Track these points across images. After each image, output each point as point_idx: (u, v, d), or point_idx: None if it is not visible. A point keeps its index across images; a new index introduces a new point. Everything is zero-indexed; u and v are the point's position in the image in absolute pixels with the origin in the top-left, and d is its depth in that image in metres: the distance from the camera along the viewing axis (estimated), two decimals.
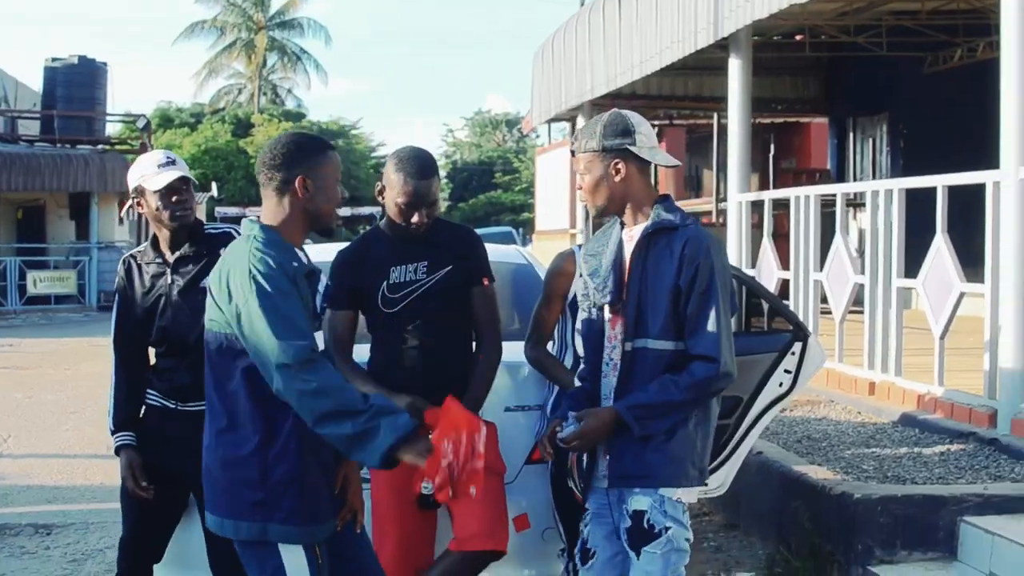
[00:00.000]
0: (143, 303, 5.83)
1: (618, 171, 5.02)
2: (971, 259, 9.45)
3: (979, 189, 9.18)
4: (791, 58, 21.85)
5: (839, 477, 7.91)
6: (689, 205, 25.16)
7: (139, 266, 5.92)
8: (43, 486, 11.03)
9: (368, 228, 6.16)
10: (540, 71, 23.32)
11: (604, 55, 18.41)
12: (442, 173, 34.76)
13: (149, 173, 5.76)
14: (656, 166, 5.32)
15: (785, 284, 12.57)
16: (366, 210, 58.24)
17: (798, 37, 20.28)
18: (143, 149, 39.59)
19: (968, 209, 9.79)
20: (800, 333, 7.27)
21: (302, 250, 4.78)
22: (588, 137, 5.05)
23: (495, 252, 7.03)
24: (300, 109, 79.91)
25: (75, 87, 39.58)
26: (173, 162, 5.84)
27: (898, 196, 10.32)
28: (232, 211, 49.02)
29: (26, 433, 13.65)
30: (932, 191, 9.76)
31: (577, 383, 5.33)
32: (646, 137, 5.06)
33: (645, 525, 4.91)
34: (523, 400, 6.15)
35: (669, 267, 4.91)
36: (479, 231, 6.59)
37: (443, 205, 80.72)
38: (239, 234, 5.34)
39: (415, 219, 5.66)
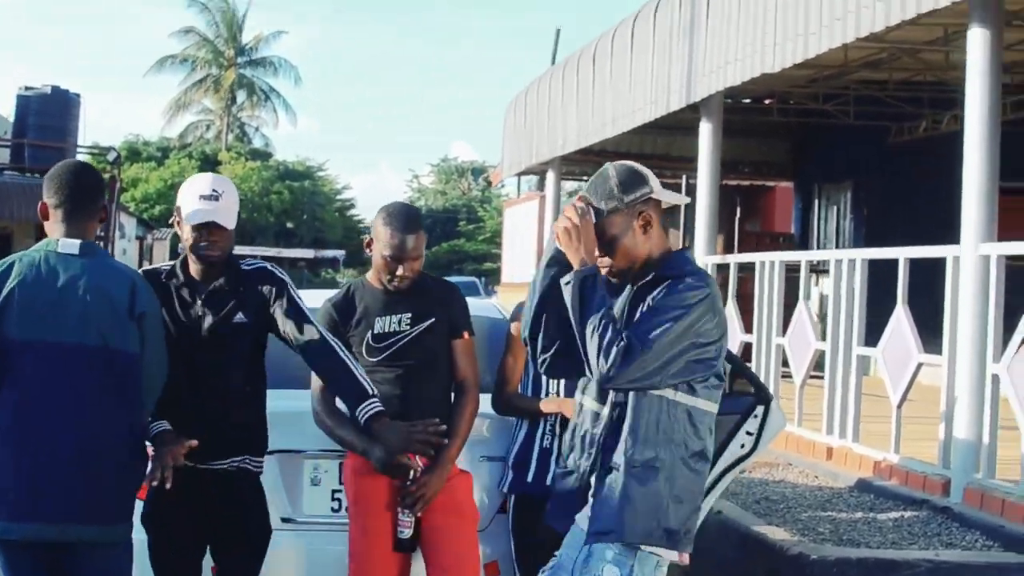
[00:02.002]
0: (174, 329, 5.61)
1: (647, 222, 4.76)
2: (932, 329, 9.68)
3: (941, 261, 9.45)
4: (759, 121, 22.04)
5: (796, 538, 8.12)
6: None
7: (166, 286, 5.70)
8: None
9: (353, 278, 6.35)
10: (512, 124, 23.53)
11: (577, 111, 18.65)
12: None
13: (188, 200, 5.66)
14: None
15: (748, 347, 12.81)
16: (330, 252, 58.48)
17: (767, 101, 20.54)
18: (112, 182, 39.69)
19: (930, 280, 10.05)
20: (762, 396, 7.47)
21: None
22: (604, 197, 4.74)
23: (473, 306, 7.23)
24: (267, 148, 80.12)
25: (47, 116, 39.35)
26: (217, 197, 5.64)
27: (860, 266, 10.56)
28: None
29: None
30: (895, 261, 10.05)
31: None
32: (655, 179, 4.82)
33: None
34: (497, 451, 6.33)
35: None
36: None
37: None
38: (276, 270, 5.76)
39: (399, 271, 5.85)
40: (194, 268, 5.75)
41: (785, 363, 12.06)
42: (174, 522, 5.61)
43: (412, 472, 5.74)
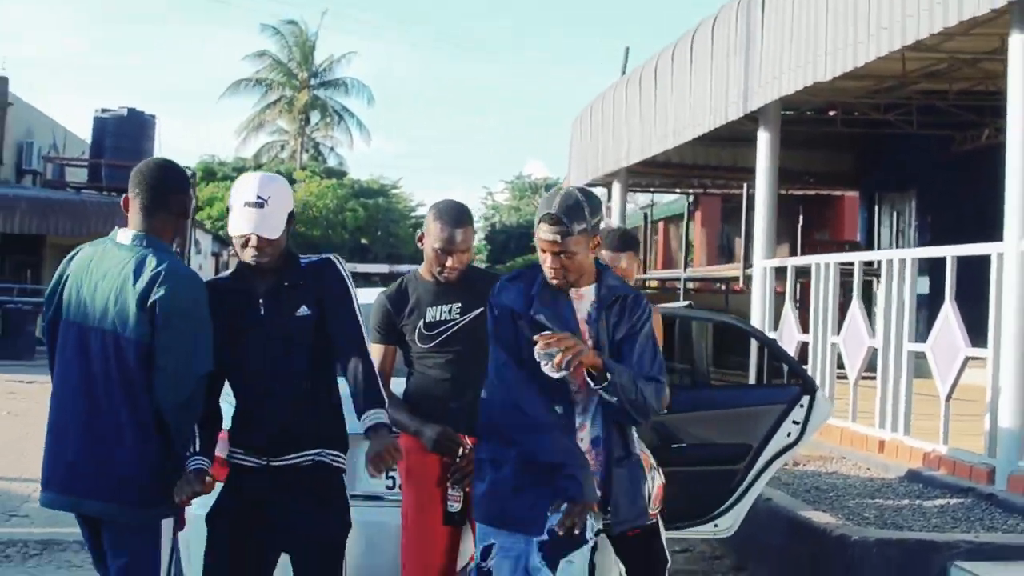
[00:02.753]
0: (225, 330, 5.49)
1: (597, 245, 5.38)
2: (981, 326, 9.96)
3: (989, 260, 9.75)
4: (824, 133, 22.27)
5: (840, 522, 8.43)
6: (717, 271, 25.53)
7: (223, 292, 5.62)
8: None
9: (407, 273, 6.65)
10: (579, 137, 23.96)
11: (640, 123, 19.05)
12: (481, 235, 35.58)
13: (235, 205, 5.54)
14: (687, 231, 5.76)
15: (805, 347, 13.12)
16: (404, 267, 58.90)
17: (832, 113, 20.79)
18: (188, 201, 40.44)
19: (981, 279, 10.32)
20: (808, 387, 7.82)
21: None
22: (578, 219, 5.23)
23: None
24: (342, 167, 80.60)
25: (123, 138, 40.28)
26: (262, 203, 5.48)
27: (911, 264, 10.91)
28: None
29: None
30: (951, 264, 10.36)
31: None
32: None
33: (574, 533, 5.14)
34: None
35: (622, 326, 5.39)
36: None
37: (481, 265, 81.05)
38: (341, 266, 5.74)
39: (448, 263, 6.21)
40: (253, 268, 5.66)
41: (841, 364, 12.37)
42: (242, 524, 5.56)
43: (461, 450, 6.10)
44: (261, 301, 5.60)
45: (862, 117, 20.58)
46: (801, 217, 23.16)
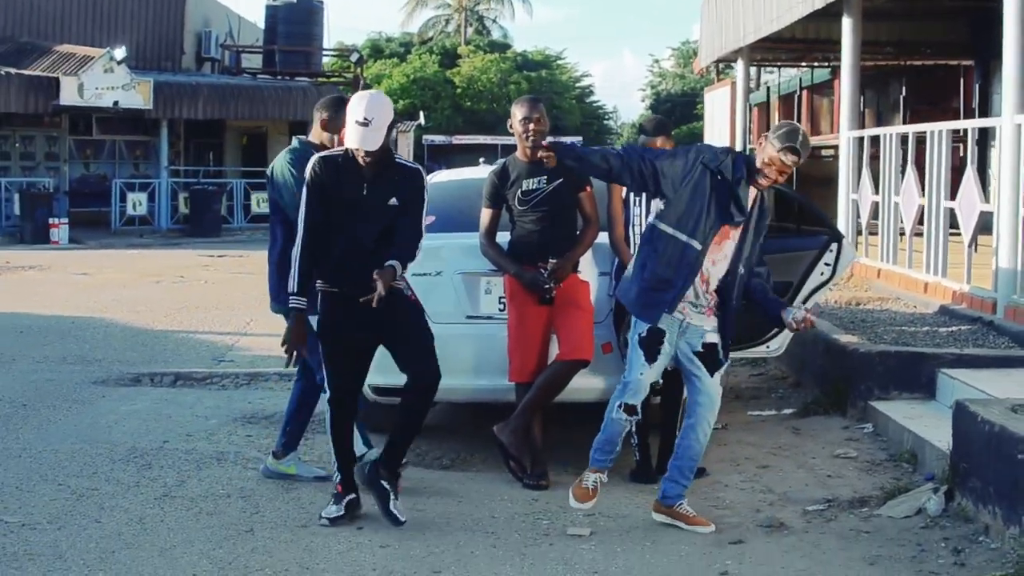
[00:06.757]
0: (336, 198, 7.48)
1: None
2: None
3: None
4: (938, 4, 23.58)
5: (860, 340, 10.69)
6: (823, 140, 26.74)
7: (339, 167, 7.51)
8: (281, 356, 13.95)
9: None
10: (707, 17, 25.98)
11: (753, 6, 21.15)
12: (646, 103, 37.90)
13: (348, 119, 7.35)
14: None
15: (876, 206, 15.28)
16: (567, 139, 60.60)
17: None
18: (356, 81, 42.93)
19: None
20: (835, 235, 9.74)
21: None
22: (806, 149, 7.28)
23: None
24: (506, 40, 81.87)
25: (294, 24, 42.82)
26: (367, 123, 7.23)
27: (946, 136, 12.94)
28: (438, 139, 51.28)
29: (263, 320, 15.36)
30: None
31: None
32: None
33: (717, 354, 7.65)
34: (609, 268, 9.08)
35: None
36: None
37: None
38: (423, 178, 7.71)
39: (532, 127, 8.66)
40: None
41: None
42: (344, 330, 7.56)
43: (546, 282, 8.57)
44: (366, 185, 7.49)
45: None
46: (904, 89, 24.50)
